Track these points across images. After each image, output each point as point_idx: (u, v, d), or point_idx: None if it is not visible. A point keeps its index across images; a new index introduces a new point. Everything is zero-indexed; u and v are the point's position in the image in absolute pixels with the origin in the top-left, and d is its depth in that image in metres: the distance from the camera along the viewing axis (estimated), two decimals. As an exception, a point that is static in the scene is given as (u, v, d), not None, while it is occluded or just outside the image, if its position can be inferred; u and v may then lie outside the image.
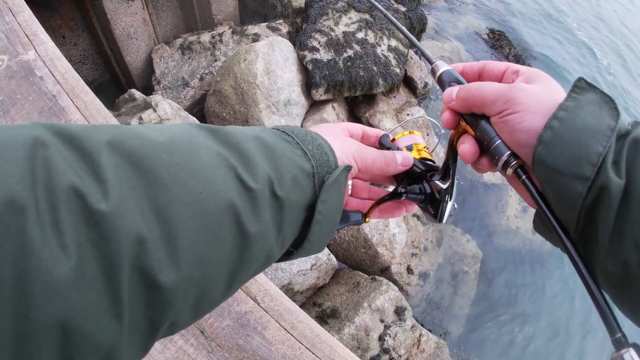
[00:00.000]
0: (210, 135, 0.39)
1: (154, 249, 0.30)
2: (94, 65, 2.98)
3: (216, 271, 0.35)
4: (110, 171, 0.29)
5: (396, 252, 2.54)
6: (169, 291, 0.31)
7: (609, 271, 0.39)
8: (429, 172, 0.57)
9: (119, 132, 0.32)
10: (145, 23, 2.85)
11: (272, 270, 2.12)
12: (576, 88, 0.44)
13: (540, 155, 0.42)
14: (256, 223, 0.38)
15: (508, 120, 0.45)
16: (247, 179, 0.38)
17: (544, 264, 3.19)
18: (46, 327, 0.24)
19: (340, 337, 2.10)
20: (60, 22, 2.60)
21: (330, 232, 0.49)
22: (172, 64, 2.96)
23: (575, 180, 0.40)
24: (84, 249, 0.26)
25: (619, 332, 0.38)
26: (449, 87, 0.53)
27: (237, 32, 3.08)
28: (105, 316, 0.27)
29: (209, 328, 1.04)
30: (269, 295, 1.11)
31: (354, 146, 0.53)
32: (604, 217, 0.39)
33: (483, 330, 2.80)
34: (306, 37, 3.00)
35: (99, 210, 0.27)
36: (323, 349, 1.05)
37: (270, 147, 0.43)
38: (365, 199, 0.60)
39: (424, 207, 0.58)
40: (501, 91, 0.46)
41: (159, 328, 0.32)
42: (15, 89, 1.37)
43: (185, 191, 0.33)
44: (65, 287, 0.25)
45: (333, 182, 0.45)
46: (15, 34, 1.50)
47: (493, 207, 3.33)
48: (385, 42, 3.22)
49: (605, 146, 0.40)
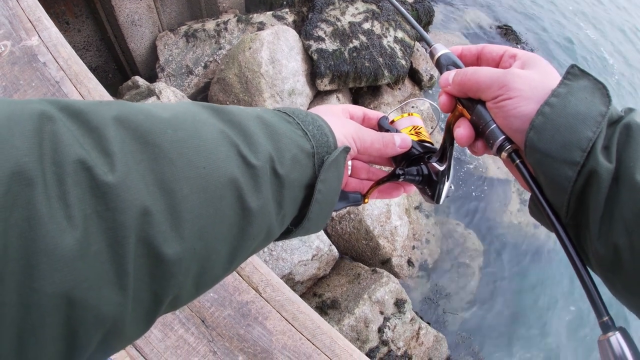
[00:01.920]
0: (213, 114, 0.40)
1: (159, 221, 0.30)
2: (98, 51, 2.97)
3: (218, 245, 0.36)
4: (117, 145, 0.30)
5: (397, 245, 2.54)
6: (172, 263, 0.31)
7: (600, 255, 0.40)
8: (426, 154, 0.58)
9: (125, 108, 0.33)
10: (150, 10, 2.83)
11: (274, 260, 2.12)
12: (569, 75, 0.45)
13: (531, 140, 0.43)
14: (257, 199, 0.39)
15: (503, 105, 0.46)
16: (249, 156, 0.38)
17: (546, 259, 3.19)
18: (51, 298, 0.25)
19: (340, 328, 2.11)
20: (64, 8, 2.58)
21: (329, 211, 0.50)
22: (176, 52, 2.94)
23: (565, 165, 0.41)
24: (89, 220, 0.27)
25: (605, 315, 0.39)
26: (446, 71, 0.54)
27: (242, 20, 3.06)
28: (110, 288, 0.28)
29: (209, 317, 1.04)
30: (271, 285, 1.11)
31: (353, 127, 0.53)
32: (593, 201, 0.40)
33: (483, 324, 2.81)
34: (312, 27, 2.98)
35: (105, 182, 0.28)
36: (323, 340, 1.06)
37: (272, 127, 0.43)
38: (364, 180, 0.61)
39: (422, 189, 0.59)
40: (496, 77, 0.47)
41: (163, 302, 0.33)
42: (18, 74, 1.36)
43: (189, 166, 0.34)
44: (71, 258, 0.25)
45: (332, 162, 0.46)
46: (18, 20, 1.49)
47: (495, 202, 3.32)
48: (392, 34, 3.19)
49: (595, 132, 0.40)
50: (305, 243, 2.21)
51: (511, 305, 2.94)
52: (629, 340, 0.37)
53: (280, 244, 2.16)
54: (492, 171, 3.42)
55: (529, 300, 3.00)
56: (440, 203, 0.57)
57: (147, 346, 0.98)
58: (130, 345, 0.97)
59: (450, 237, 3.03)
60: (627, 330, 0.37)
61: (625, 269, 0.38)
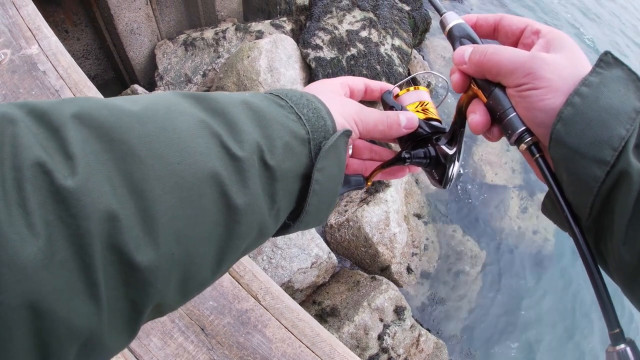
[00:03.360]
0: (193, 102, 0.37)
1: (128, 226, 0.28)
2: (97, 60, 2.98)
3: (202, 247, 0.33)
4: (78, 146, 0.28)
5: (396, 252, 2.54)
6: (148, 271, 0.29)
7: (625, 260, 0.37)
8: (434, 135, 0.53)
9: (87, 104, 0.31)
10: (149, 19, 2.84)
11: (273, 268, 2.12)
12: (602, 62, 0.40)
13: (559, 133, 0.39)
14: (244, 194, 0.35)
15: (527, 95, 0.41)
16: (233, 147, 0.35)
17: (546, 265, 3.18)
18: (15, 310, 0.23)
19: (340, 335, 2.10)
20: (63, 17, 2.60)
21: (331, 202, 0.45)
22: (175, 60, 2.95)
23: (593, 164, 0.37)
24: (52, 227, 0.25)
25: (617, 327, 0.37)
26: (461, 46, 0.48)
27: (240, 28, 3.07)
28: (79, 298, 0.26)
29: (209, 325, 1.04)
30: (270, 293, 1.11)
31: (354, 108, 0.49)
32: (621, 205, 0.36)
33: (483, 331, 2.80)
34: (310, 35, 3.00)
35: (64, 186, 0.26)
36: (323, 348, 1.05)
37: (260, 112, 0.39)
38: (366, 160, 0.57)
39: (429, 171, 0.54)
40: (522, 61, 0.42)
41: (143, 310, 0.31)
42: (18, 83, 1.37)
43: (161, 162, 0.31)
44: (34, 267, 0.24)
45: (330, 148, 0.42)
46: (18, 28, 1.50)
47: (494, 208, 3.33)
48: (389, 41, 3.21)
49: (629, 130, 0.37)
50: (305, 251, 2.21)
51: (511, 312, 2.93)
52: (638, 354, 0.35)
53: (280, 252, 2.16)
54: (490, 177, 3.42)
55: (529, 306, 2.99)
56: (448, 187, 0.52)
57: (147, 354, 0.98)
58: (130, 354, 0.97)
59: (449, 243, 3.03)
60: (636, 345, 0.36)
61: None
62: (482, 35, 0.50)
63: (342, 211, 2.59)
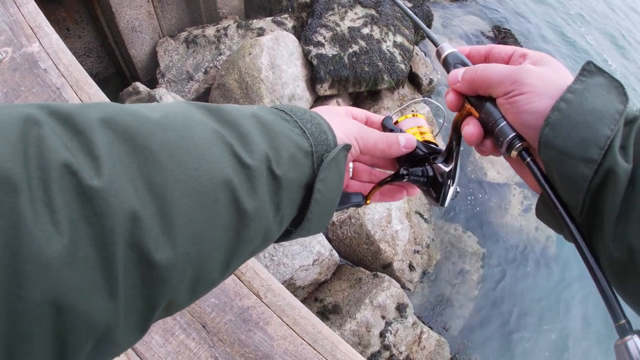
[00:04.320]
0: (206, 113, 0.39)
1: (149, 226, 0.29)
2: (98, 58, 2.98)
3: (213, 249, 0.35)
4: (104, 148, 0.29)
5: (398, 249, 2.54)
6: (165, 269, 0.30)
7: (614, 257, 0.38)
8: (431, 155, 0.56)
9: (112, 110, 0.32)
10: (150, 16, 2.84)
11: (275, 265, 2.12)
12: (584, 71, 0.43)
13: (546, 137, 0.41)
14: (253, 200, 0.37)
15: (515, 101, 0.44)
16: (244, 156, 0.37)
17: (547, 263, 3.18)
18: (39, 306, 0.24)
19: (341, 333, 2.10)
20: (64, 15, 2.60)
21: (330, 211, 0.48)
22: (176, 58, 2.95)
23: (581, 163, 0.40)
24: (76, 226, 0.26)
25: (622, 318, 0.37)
26: (455, 69, 0.53)
27: (242, 26, 3.07)
28: (100, 294, 0.27)
29: (210, 322, 1.04)
30: (272, 290, 1.11)
31: (355, 126, 0.52)
32: (609, 201, 0.38)
33: (484, 328, 2.80)
34: (311, 32, 2.99)
35: (91, 186, 0.27)
36: (325, 345, 1.05)
37: (268, 125, 0.42)
38: (366, 182, 0.60)
39: (426, 190, 0.57)
40: (508, 72, 0.46)
41: (156, 308, 0.32)
42: (19, 81, 1.37)
43: (180, 168, 0.33)
44: (58, 264, 0.25)
45: (331, 160, 0.45)
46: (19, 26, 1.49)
47: (496, 206, 3.32)
48: (391, 38, 3.20)
49: (613, 129, 0.39)
50: (306, 248, 2.21)
51: (513, 309, 2.93)
52: None
53: (281, 249, 2.16)
54: (491, 175, 3.42)
55: (530, 303, 2.99)
56: (445, 205, 0.55)
57: (148, 352, 0.98)
58: (132, 351, 0.97)
59: (451, 241, 3.02)
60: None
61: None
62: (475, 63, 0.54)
63: (343, 208, 2.59)
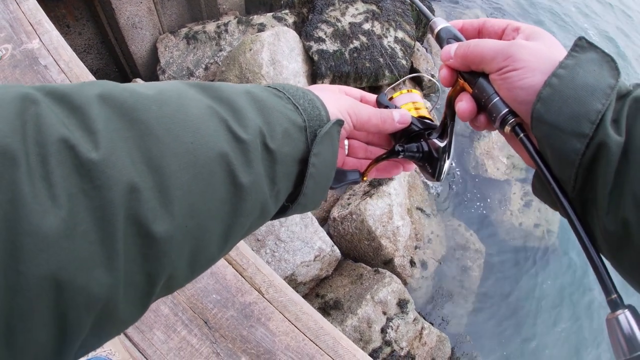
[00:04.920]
0: (200, 90, 0.40)
1: (147, 198, 0.30)
2: (99, 54, 2.97)
3: (211, 222, 0.35)
4: (101, 123, 0.29)
5: (400, 245, 2.54)
6: (164, 241, 0.31)
7: (609, 231, 0.38)
8: (426, 131, 0.56)
9: (108, 87, 0.32)
10: (150, 12, 2.83)
11: (276, 261, 2.12)
12: (576, 47, 0.43)
13: (538, 112, 0.42)
14: (248, 174, 0.38)
15: (508, 77, 0.44)
16: (238, 131, 0.38)
17: (547, 259, 3.18)
18: (37, 280, 0.24)
19: (343, 328, 2.10)
20: (64, 11, 2.59)
21: (326, 187, 0.49)
22: (177, 54, 2.95)
23: (573, 138, 0.40)
24: (75, 199, 0.26)
25: (614, 293, 0.37)
26: (447, 45, 0.52)
27: (242, 21, 3.06)
28: (99, 268, 0.27)
29: (212, 319, 1.04)
30: (274, 286, 1.11)
31: (348, 102, 0.52)
32: (602, 175, 0.39)
33: (485, 324, 2.81)
34: (312, 28, 2.98)
35: (89, 159, 0.27)
36: (326, 341, 1.05)
37: (261, 101, 0.43)
38: (362, 159, 0.60)
39: (422, 166, 0.57)
40: (501, 48, 0.45)
41: (156, 282, 0.32)
42: (19, 77, 1.36)
43: (177, 141, 0.33)
44: (56, 238, 0.25)
45: (325, 135, 0.45)
46: (19, 23, 1.49)
47: (496, 202, 3.32)
48: (392, 34, 3.19)
49: (605, 104, 0.39)
50: (308, 244, 2.21)
51: (513, 305, 2.93)
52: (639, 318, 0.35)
53: (283, 245, 2.16)
54: (492, 172, 3.41)
55: (531, 299, 2.99)
56: (441, 180, 0.55)
57: (150, 348, 0.98)
58: (134, 347, 0.97)
59: (452, 237, 3.03)
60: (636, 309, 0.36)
61: (635, 244, 0.37)
62: (468, 38, 0.54)
63: (345, 204, 2.59)
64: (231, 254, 1.14)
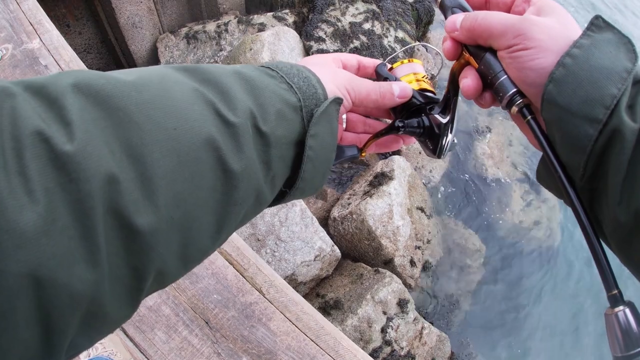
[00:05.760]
0: (186, 73, 0.37)
1: (128, 188, 0.28)
2: (99, 54, 2.97)
3: (200, 212, 0.34)
4: (76, 113, 0.28)
5: (400, 245, 2.54)
6: (148, 234, 0.29)
7: (620, 221, 0.36)
8: (428, 105, 0.53)
9: (83, 75, 0.31)
10: (150, 12, 2.83)
11: (276, 261, 2.12)
12: (592, 26, 0.41)
13: (550, 93, 0.39)
14: (239, 160, 0.36)
15: (518, 56, 0.42)
16: (227, 114, 0.36)
17: (548, 259, 3.18)
18: (16, 278, 0.23)
19: (343, 328, 2.10)
20: (64, 11, 2.59)
21: (325, 169, 0.46)
22: (177, 53, 2.94)
23: (586, 122, 0.37)
24: (52, 194, 0.25)
25: (615, 289, 0.37)
26: (453, 15, 0.49)
27: (242, 21, 3.06)
28: (81, 264, 0.26)
29: (213, 319, 1.04)
30: (274, 286, 1.11)
31: (345, 77, 0.49)
32: (615, 163, 0.36)
33: (485, 324, 2.81)
34: (312, 27, 2.98)
35: (64, 151, 0.26)
36: (327, 341, 1.05)
37: (251, 81, 0.40)
38: (361, 133, 0.57)
39: (423, 142, 0.55)
40: (511, 23, 0.42)
41: (144, 277, 0.31)
42: (20, 77, 1.36)
43: (158, 128, 0.31)
44: (34, 234, 0.24)
45: (322, 114, 0.43)
46: (19, 23, 1.49)
47: (497, 202, 3.32)
48: (392, 34, 3.19)
49: (620, 88, 0.37)
50: (308, 244, 2.21)
51: (514, 305, 2.93)
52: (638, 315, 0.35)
53: (283, 245, 2.16)
54: (492, 171, 3.41)
55: (532, 299, 2.99)
56: (442, 158, 0.53)
57: (151, 348, 0.98)
58: (135, 348, 0.97)
59: (452, 237, 3.02)
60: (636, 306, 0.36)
61: None
62: (475, 7, 0.50)
63: (345, 204, 2.59)
64: (232, 254, 1.14)
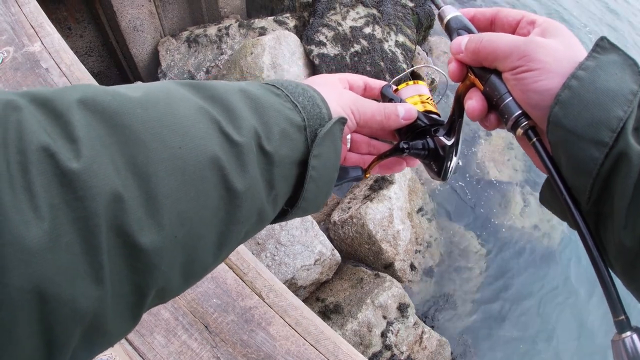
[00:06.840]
0: (192, 90, 0.38)
1: (132, 207, 0.28)
2: (100, 57, 2.97)
3: (204, 231, 0.34)
4: (82, 130, 0.28)
5: (400, 249, 2.53)
6: (152, 253, 0.29)
7: (626, 245, 0.36)
8: (433, 127, 0.53)
9: (90, 90, 0.31)
10: (152, 15, 2.84)
11: (276, 265, 2.12)
12: (598, 47, 0.41)
13: (556, 115, 0.39)
14: (243, 179, 0.36)
15: (522, 78, 0.42)
16: (232, 133, 0.36)
17: (548, 262, 3.17)
18: (20, 292, 0.23)
19: (343, 333, 2.10)
20: (66, 14, 2.59)
21: (328, 189, 0.46)
22: (178, 57, 2.95)
23: (592, 145, 0.37)
24: (57, 210, 0.25)
25: (622, 314, 0.36)
26: (458, 36, 0.49)
27: (243, 25, 3.06)
28: (84, 281, 0.26)
29: (213, 323, 1.04)
30: (274, 291, 1.11)
31: (350, 98, 0.49)
32: (621, 187, 0.36)
33: (486, 328, 2.80)
34: (313, 32, 2.98)
35: (70, 169, 0.26)
36: (327, 346, 1.05)
37: (256, 100, 0.40)
38: (365, 154, 0.57)
39: (427, 164, 0.55)
40: (516, 45, 0.42)
41: (146, 294, 0.31)
42: (20, 80, 1.36)
43: (164, 146, 0.31)
44: (39, 250, 0.24)
45: (326, 134, 0.42)
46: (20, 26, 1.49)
47: (497, 205, 3.31)
48: (393, 38, 3.19)
49: (627, 111, 0.37)
50: (308, 248, 2.21)
51: (514, 309, 2.92)
52: None
53: (283, 249, 2.15)
54: (493, 174, 3.41)
55: (532, 303, 2.98)
56: (447, 180, 0.53)
57: (150, 352, 0.98)
58: (134, 352, 0.97)
59: (452, 241, 3.02)
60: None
61: None
62: (480, 29, 0.51)
63: (345, 208, 2.59)
64: (232, 259, 1.14)
